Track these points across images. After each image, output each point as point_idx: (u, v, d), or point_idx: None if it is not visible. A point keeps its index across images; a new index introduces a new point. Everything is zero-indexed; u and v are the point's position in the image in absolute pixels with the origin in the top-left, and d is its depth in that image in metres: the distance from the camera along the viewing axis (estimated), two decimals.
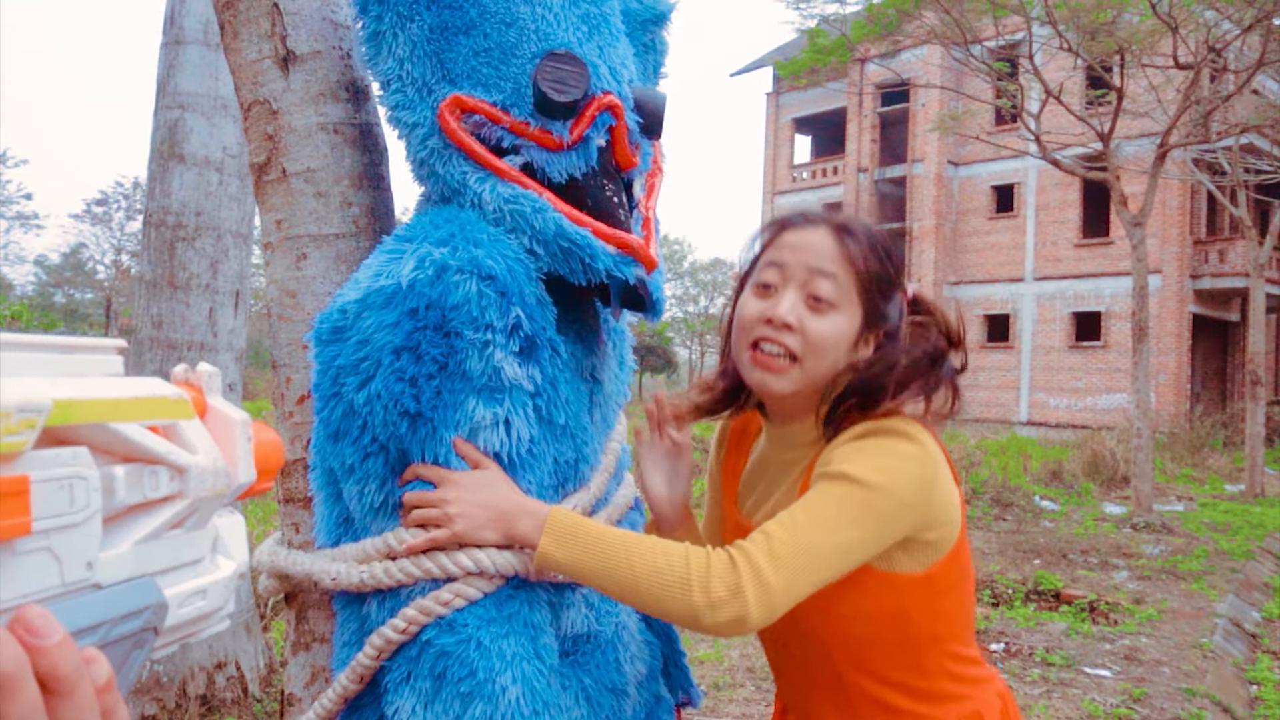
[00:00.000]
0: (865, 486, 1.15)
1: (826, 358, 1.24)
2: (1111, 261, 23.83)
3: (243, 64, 1.31)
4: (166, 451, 0.47)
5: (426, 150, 1.18)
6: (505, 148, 1.19)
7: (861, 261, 1.25)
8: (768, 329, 1.24)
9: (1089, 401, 24.13)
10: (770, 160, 31.95)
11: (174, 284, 3.49)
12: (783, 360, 1.24)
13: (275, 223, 1.31)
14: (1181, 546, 8.71)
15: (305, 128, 1.29)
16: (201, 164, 3.55)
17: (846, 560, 1.15)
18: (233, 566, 0.54)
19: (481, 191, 1.17)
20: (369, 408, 1.10)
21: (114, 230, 43.00)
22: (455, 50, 1.18)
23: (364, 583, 1.14)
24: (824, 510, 1.15)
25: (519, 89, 1.18)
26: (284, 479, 1.33)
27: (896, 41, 15.51)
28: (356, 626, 1.19)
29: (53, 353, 0.43)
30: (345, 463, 1.15)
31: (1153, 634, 5.59)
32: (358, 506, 1.17)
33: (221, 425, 0.51)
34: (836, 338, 1.24)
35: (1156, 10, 10.25)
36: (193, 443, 0.49)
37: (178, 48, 3.57)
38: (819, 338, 1.23)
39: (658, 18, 1.42)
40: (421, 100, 1.18)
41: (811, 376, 1.25)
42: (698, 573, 1.11)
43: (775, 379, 1.25)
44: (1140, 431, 10.40)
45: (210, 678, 3.53)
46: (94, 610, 0.42)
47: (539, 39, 1.18)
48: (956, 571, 1.27)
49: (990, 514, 10.32)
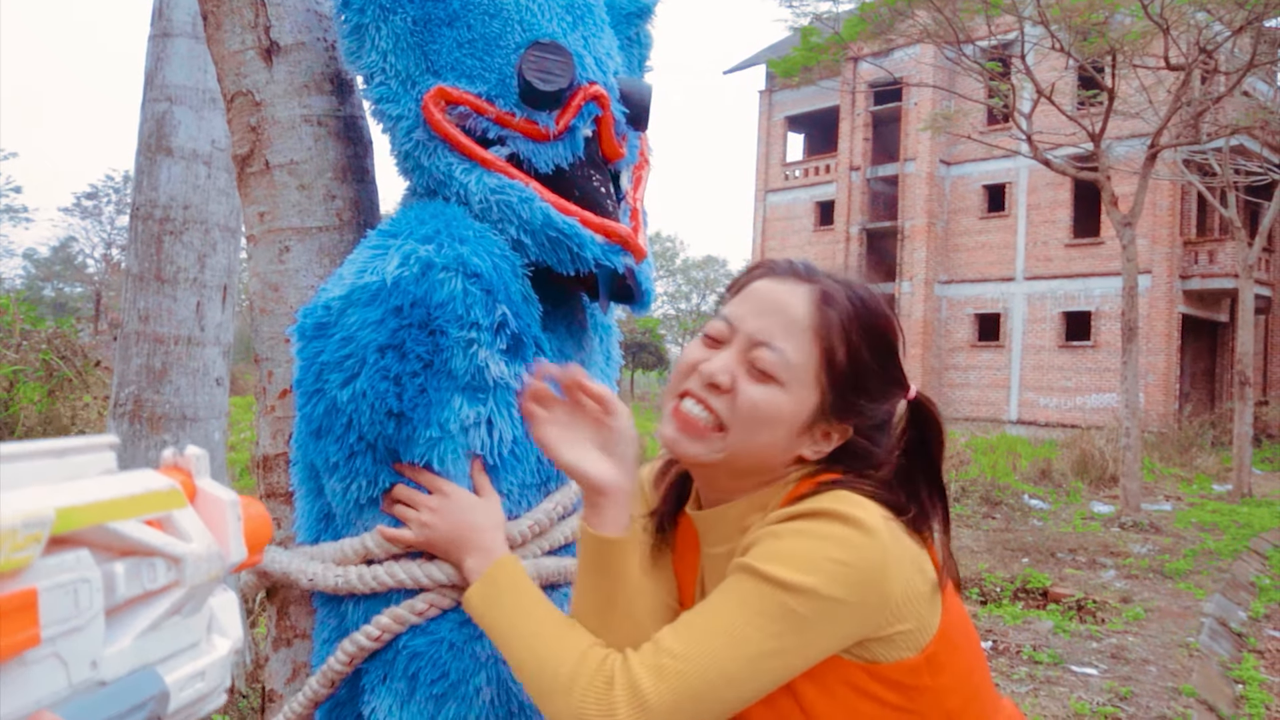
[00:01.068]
0: (782, 586, 0.93)
1: (759, 435, 1.02)
2: (1102, 261, 23.93)
3: (226, 54, 1.30)
4: (163, 544, 0.48)
5: (411, 143, 1.18)
6: (491, 139, 1.18)
7: (835, 338, 1.03)
8: (695, 383, 1.05)
9: (1079, 401, 24.22)
10: (763, 158, 31.98)
11: (161, 278, 3.47)
12: (705, 424, 1.03)
13: (258, 215, 1.29)
14: (1169, 546, 8.74)
15: (289, 120, 1.28)
16: (189, 157, 3.53)
17: (759, 678, 0.94)
18: (228, 644, 0.55)
19: (467, 182, 1.16)
20: (353, 405, 1.09)
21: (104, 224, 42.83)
22: (439, 42, 1.17)
23: (339, 587, 1.14)
24: (729, 614, 0.94)
25: (504, 80, 1.17)
26: (265, 474, 1.32)
27: (889, 40, 15.51)
28: (335, 624, 1.19)
29: (49, 459, 0.45)
30: (329, 460, 1.14)
31: (1139, 633, 5.61)
32: (340, 502, 1.16)
33: (212, 508, 0.52)
34: (774, 414, 1.02)
35: (1148, 11, 10.28)
36: (187, 531, 0.50)
37: (166, 40, 3.55)
38: (750, 408, 1.01)
39: (642, 11, 1.41)
40: (405, 93, 1.17)
41: (735, 453, 1.03)
42: (579, 680, 0.94)
43: (689, 443, 1.04)
44: (1129, 431, 10.44)
45: None
46: (100, 708, 0.43)
47: (523, 29, 1.17)
48: (954, 641, 1.04)
49: (979, 512, 10.35)
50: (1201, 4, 10.89)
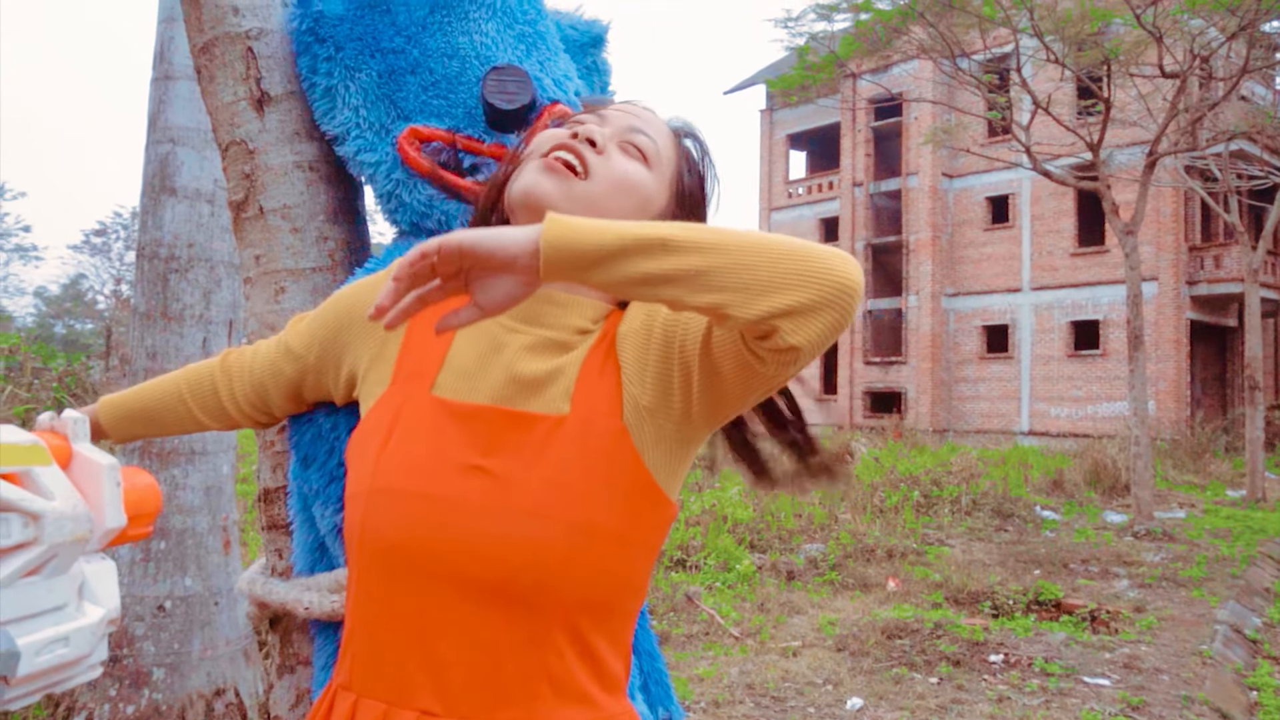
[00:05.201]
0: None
1: (617, 198, 0.99)
2: (1108, 270, 23.91)
3: (220, 106, 1.35)
4: (17, 498, 0.46)
5: (392, 183, 1.24)
6: (465, 168, 1.25)
7: (685, 163, 1.07)
8: (568, 142, 1.01)
9: (1090, 410, 24.13)
10: (765, 176, 32.11)
11: (167, 315, 3.53)
12: (574, 167, 0.99)
13: (254, 258, 1.35)
14: (1183, 553, 8.71)
15: (281, 166, 1.33)
16: (193, 196, 3.60)
17: None
18: (100, 613, 0.52)
19: (448, 210, 1.23)
20: (335, 433, 1.14)
21: (113, 260, 43.12)
22: (405, 90, 1.24)
23: (335, 612, 1.18)
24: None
25: (469, 112, 1.24)
26: (266, 506, 1.37)
27: (886, 57, 15.63)
28: (334, 649, 1.22)
29: None
30: (312, 486, 1.19)
31: (1153, 642, 5.59)
32: (327, 528, 1.20)
33: (87, 471, 0.50)
34: (637, 184, 1.01)
35: (1141, 20, 10.34)
36: (49, 489, 0.48)
37: (168, 83, 3.63)
38: (621, 170, 1.00)
39: (595, 40, 1.49)
40: (381, 140, 1.24)
41: (593, 205, 0.97)
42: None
43: (551, 182, 0.98)
44: (1139, 439, 10.42)
45: (209, 705, 3.55)
46: None
47: (480, 63, 1.24)
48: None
49: (991, 525, 10.32)
50: (1195, 11, 10.96)
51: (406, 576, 0.91)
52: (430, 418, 0.96)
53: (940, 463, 12.45)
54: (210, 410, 1.17)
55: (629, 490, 0.92)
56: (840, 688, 4.66)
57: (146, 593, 3.44)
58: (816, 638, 5.60)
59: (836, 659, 5.16)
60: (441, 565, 0.89)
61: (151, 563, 3.47)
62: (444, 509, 0.90)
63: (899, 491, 10.90)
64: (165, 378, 1.20)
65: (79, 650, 0.50)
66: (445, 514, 0.90)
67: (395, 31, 1.24)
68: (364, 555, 0.93)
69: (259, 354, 1.16)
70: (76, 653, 0.50)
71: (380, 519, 0.92)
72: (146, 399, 1.19)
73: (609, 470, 0.91)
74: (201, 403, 1.17)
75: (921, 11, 11.87)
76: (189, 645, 3.50)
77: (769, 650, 5.34)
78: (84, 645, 0.50)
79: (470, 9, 1.25)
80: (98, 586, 0.54)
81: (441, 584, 0.89)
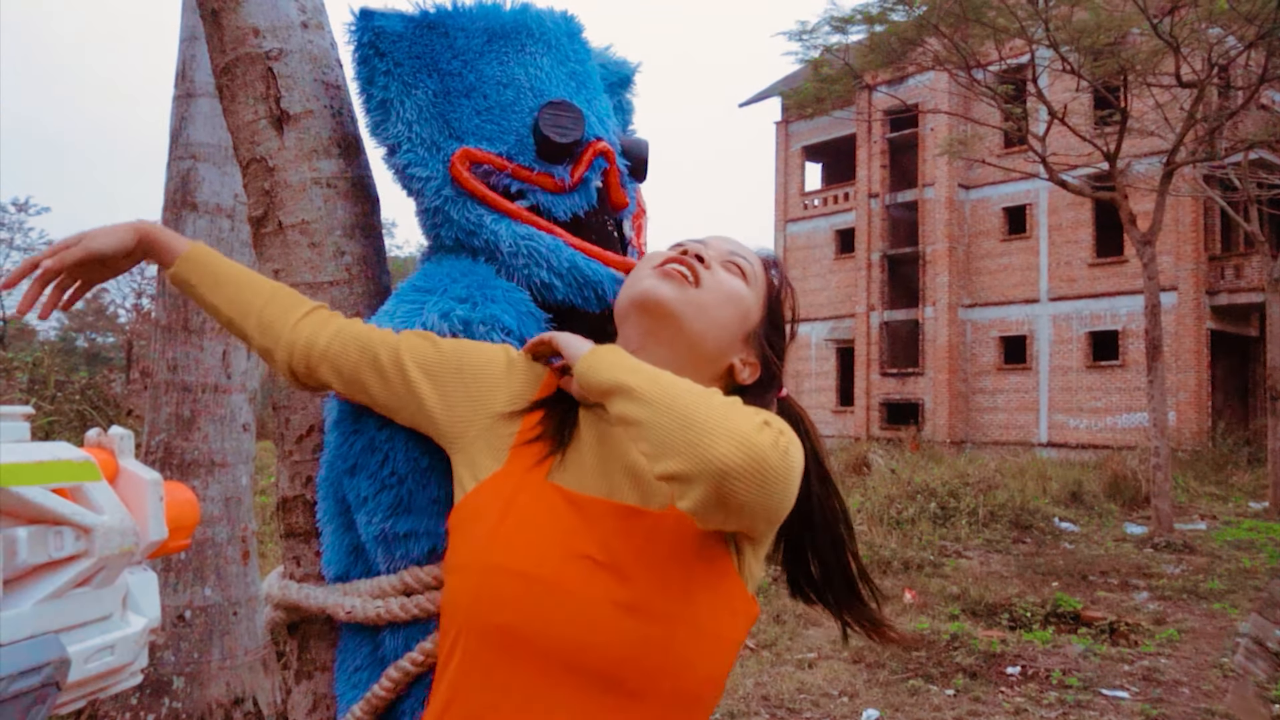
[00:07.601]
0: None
1: (721, 310, 1.10)
2: (1127, 280, 23.76)
3: (240, 125, 1.39)
4: (71, 513, 0.48)
5: (440, 199, 1.28)
6: (513, 193, 1.29)
7: (772, 291, 1.20)
8: (678, 256, 1.13)
9: (1109, 421, 23.95)
10: (781, 188, 32.13)
11: (188, 328, 3.58)
12: (684, 275, 1.10)
13: (273, 272, 1.38)
14: (1203, 566, 8.63)
15: (299, 183, 1.37)
16: (213, 212, 3.66)
17: None
18: (143, 622, 0.55)
19: (498, 230, 1.27)
20: (390, 444, 1.19)
21: (134, 274, 43.52)
22: (459, 111, 1.28)
23: (380, 616, 1.20)
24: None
25: (521, 140, 1.29)
26: (285, 515, 1.40)
27: (902, 68, 15.63)
28: (369, 651, 1.24)
29: None
30: (360, 494, 1.22)
31: (1172, 654, 5.55)
32: (370, 535, 1.23)
33: (132, 486, 0.53)
34: (738, 297, 1.12)
35: (1158, 30, 10.31)
36: (99, 503, 0.50)
37: (189, 100, 3.70)
38: (730, 285, 1.12)
39: (623, 80, 1.55)
40: (432, 157, 1.28)
41: (695, 317, 1.08)
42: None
43: (666, 286, 1.08)
44: (1158, 450, 10.34)
45: (228, 714, 3.58)
46: None
47: (534, 94, 1.29)
48: None
49: (1009, 537, 10.26)
50: (1212, 20, 10.92)
51: (517, 657, 0.95)
52: (547, 503, 1.02)
53: (958, 474, 12.38)
54: (268, 327, 1.19)
55: (721, 588, 0.98)
56: (856, 699, 4.65)
57: (166, 603, 3.48)
58: (832, 649, 5.58)
59: (852, 670, 5.15)
60: (555, 650, 0.94)
61: (171, 573, 3.51)
62: (560, 595, 0.95)
63: (916, 503, 10.86)
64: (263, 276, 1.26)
65: (123, 658, 0.53)
66: (560, 600, 0.95)
67: (453, 55, 1.29)
68: (471, 629, 0.98)
69: (345, 333, 1.17)
70: (120, 660, 0.52)
71: (494, 596, 0.97)
72: (236, 270, 1.24)
73: (708, 569, 0.97)
74: (276, 312, 1.20)
75: (936, 23, 11.89)
76: (208, 655, 3.54)
77: (785, 661, 5.33)
78: (127, 653, 0.53)
79: (527, 43, 1.31)
80: (140, 597, 0.56)
81: (554, 668, 0.94)
